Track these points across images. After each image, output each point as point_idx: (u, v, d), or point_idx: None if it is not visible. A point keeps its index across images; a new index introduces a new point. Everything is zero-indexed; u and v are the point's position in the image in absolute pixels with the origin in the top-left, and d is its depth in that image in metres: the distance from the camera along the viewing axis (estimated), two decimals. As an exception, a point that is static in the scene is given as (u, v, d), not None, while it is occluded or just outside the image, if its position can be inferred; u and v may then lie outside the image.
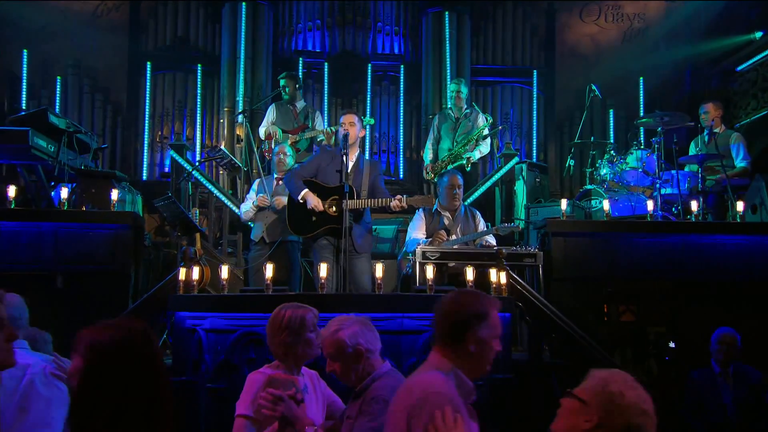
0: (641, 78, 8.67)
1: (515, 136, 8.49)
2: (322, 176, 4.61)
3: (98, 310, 4.74)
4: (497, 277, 4.04)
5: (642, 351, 5.43)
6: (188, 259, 4.05)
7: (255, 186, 5.50)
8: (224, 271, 3.60)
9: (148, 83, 8.15)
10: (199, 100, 8.17)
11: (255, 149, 6.64)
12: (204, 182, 6.31)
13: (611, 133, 8.67)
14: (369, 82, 8.29)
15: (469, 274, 3.99)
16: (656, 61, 8.73)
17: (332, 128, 6.29)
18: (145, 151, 8.09)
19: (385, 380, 2.36)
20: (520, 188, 6.94)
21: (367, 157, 4.88)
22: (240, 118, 7.22)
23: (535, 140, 8.55)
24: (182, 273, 3.88)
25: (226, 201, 6.25)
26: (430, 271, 3.67)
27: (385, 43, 8.45)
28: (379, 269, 3.64)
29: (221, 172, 7.28)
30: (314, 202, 4.44)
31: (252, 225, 5.44)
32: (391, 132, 8.32)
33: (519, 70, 8.67)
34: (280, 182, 5.36)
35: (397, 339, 3.42)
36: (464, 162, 6.49)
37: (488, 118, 6.63)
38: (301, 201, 4.49)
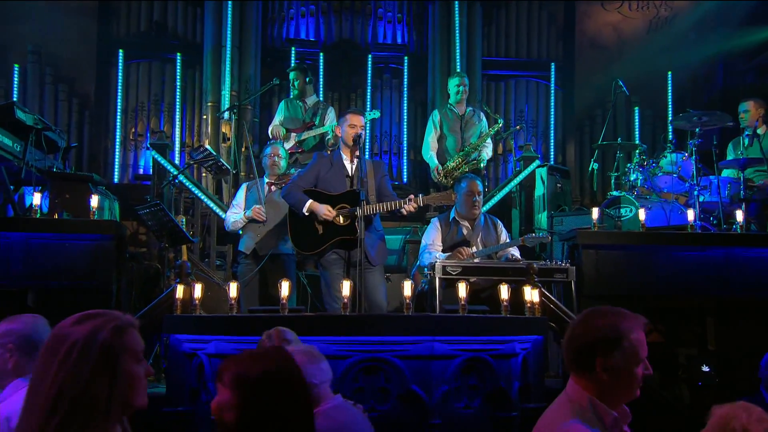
0: (669, 72, 8.80)
1: (530, 136, 8.56)
2: (323, 185, 4.64)
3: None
4: (530, 295, 4.08)
5: (671, 375, 5.50)
6: (185, 275, 4.04)
7: (242, 191, 5.49)
8: (233, 289, 3.59)
9: (119, 74, 8.11)
10: (178, 93, 8.13)
11: (248, 149, 6.64)
12: (191, 187, 6.29)
13: (636, 133, 8.79)
14: (369, 74, 8.31)
15: (504, 292, 4.01)
16: (685, 53, 8.86)
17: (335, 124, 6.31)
18: (117, 150, 8.02)
19: (327, 417, 2.41)
20: (540, 194, 7.02)
21: (367, 158, 4.92)
22: (227, 114, 7.24)
23: (552, 140, 8.63)
24: (180, 291, 3.86)
25: (216, 209, 6.25)
26: (462, 290, 3.70)
27: (387, 31, 8.49)
28: (407, 287, 3.66)
29: (204, 174, 7.26)
30: (324, 210, 4.46)
31: (240, 233, 5.44)
32: (394, 131, 8.34)
33: (535, 63, 8.76)
34: (273, 188, 5.38)
35: (426, 365, 3.45)
36: (479, 165, 6.59)
37: (499, 120, 6.73)
38: (307, 213, 4.50)
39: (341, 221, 4.50)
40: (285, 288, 3.47)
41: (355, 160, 4.65)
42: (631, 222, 6.19)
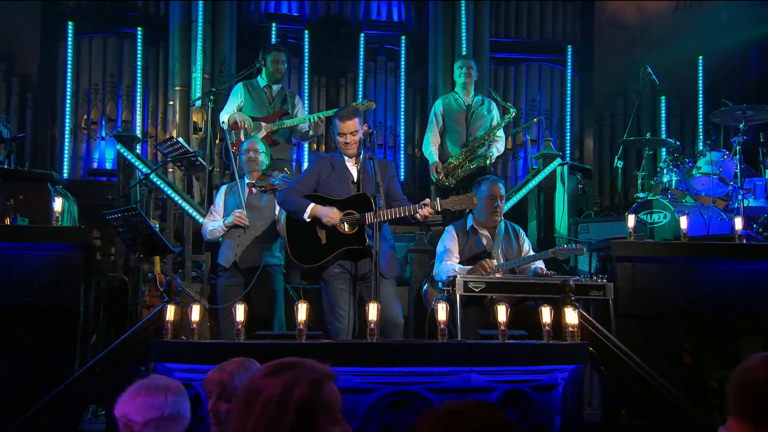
0: (700, 58, 8.92)
1: (543, 128, 8.64)
2: (325, 189, 4.63)
3: (36, 359, 4.63)
4: (571, 317, 4.11)
5: (702, 400, 5.59)
6: (173, 293, 3.98)
7: (221, 196, 5.46)
8: (239, 312, 3.56)
9: (69, 51, 7.95)
10: (139, 74, 8.02)
11: (223, 141, 6.55)
12: (165, 188, 6.23)
13: (662, 125, 8.91)
14: (361, 57, 8.27)
15: (546, 315, 4.00)
16: (716, 36, 8.98)
17: (320, 115, 6.30)
18: (66, 140, 7.88)
19: None
20: (560, 197, 7.04)
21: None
22: (199, 102, 7.12)
23: (568, 134, 8.71)
24: (170, 312, 3.82)
25: (194, 214, 6.17)
26: (503, 313, 3.71)
27: (381, 7, 8.49)
28: (441, 311, 3.66)
29: (171, 169, 7.18)
30: (329, 213, 4.44)
31: (220, 241, 5.38)
32: (389, 122, 8.33)
33: (549, 46, 8.82)
34: (254, 190, 5.35)
35: (462, 399, 3.45)
36: (484, 161, 6.59)
37: (512, 110, 6.76)
38: (309, 219, 4.49)
39: (346, 229, 4.49)
40: (302, 311, 3.45)
41: (357, 163, 4.66)
42: (664, 229, 6.26)
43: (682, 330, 5.45)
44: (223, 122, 6.49)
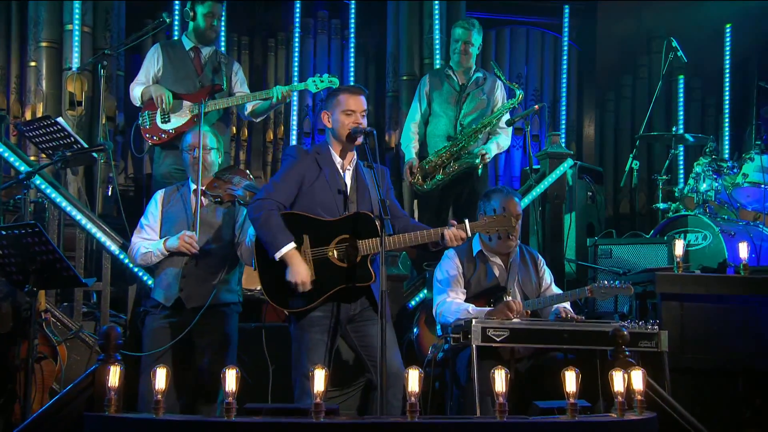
0: (728, 26, 9.31)
1: (545, 118, 8.92)
2: (308, 200, 4.62)
3: None
4: (637, 381, 4.17)
5: None
6: (113, 348, 3.91)
7: (158, 205, 5.35)
8: (230, 380, 3.53)
9: None
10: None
11: (112, 121, 6.44)
12: (50, 193, 6.07)
13: (680, 112, 9.26)
14: (296, 11, 8.29)
15: (570, 382, 3.94)
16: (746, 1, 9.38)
17: (286, 88, 6.35)
18: None
19: None
20: (567, 207, 7.27)
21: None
22: (77, 65, 7.11)
23: (563, 121, 8.98)
24: (113, 374, 3.78)
25: (92, 230, 6.06)
26: (572, 381, 3.81)
27: (323, -56, 8.55)
28: (500, 379, 3.74)
29: (33, 157, 7.04)
30: (298, 277, 4.42)
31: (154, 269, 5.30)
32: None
33: (540, 6, 9.05)
34: (205, 200, 5.25)
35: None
36: (474, 161, 6.64)
37: (518, 92, 6.74)
38: (278, 259, 4.47)
39: (335, 255, 4.52)
40: (320, 380, 3.47)
41: (350, 164, 4.70)
42: (704, 255, 6.56)
43: (742, 389, 5.66)
44: (135, 98, 6.44)
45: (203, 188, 5.24)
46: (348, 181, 4.71)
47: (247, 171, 5.55)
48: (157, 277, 5.26)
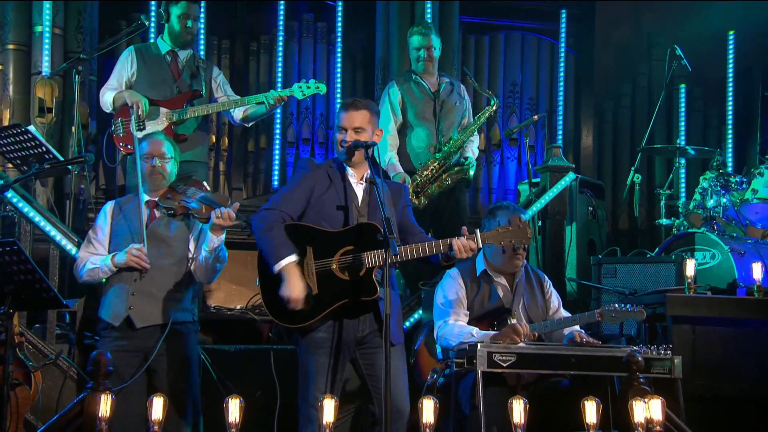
0: (731, 33, 9.14)
1: (543, 129, 8.79)
2: (318, 211, 4.56)
3: None
4: (656, 411, 4.07)
5: None
6: (102, 375, 3.71)
7: (106, 218, 5.26)
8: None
9: None
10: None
11: (84, 129, 6.41)
12: (21, 206, 5.96)
13: (681, 122, 9.10)
14: (280, 13, 8.28)
15: (591, 413, 3.91)
16: (747, 6, 9.20)
17: (278, 93, 6.25)
18: None
19: None
20: (567, 223, 7.17)
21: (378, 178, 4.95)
22: (47, 70, 7.03)
23: (560, 131, 8.85)
24: (103, 403, 3.52)
25: (63, 242, 5.94)
26: (592, 412, 3.61)
27: (309, -55, 8.51)
28: (519, 409, 3.48)
29: (9, 166, 6.85)
30: (291, 293, 4.37)
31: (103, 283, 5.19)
32: (319, 108, 8.33)
33: (536, 10, 8.94)
34: (158, 213, 5.17)
35: None
36: (470, 170, 6.67)
37: (493, 100, 6.87)
38: (276, 273, 4.42)
39: (339, 268, 4.45)
40: (329, 411, 3.24)
41: (362, 178, 4.61)
42: (713, 275, 6.42)
43: (757, 419, 5.54)
44: (106, 104, 6.37)
45: (155, 199, 5.19)
46: (360, 194, 4.67)
47: (204, 183, 5.46)
48: (104, 294, 5.17)
